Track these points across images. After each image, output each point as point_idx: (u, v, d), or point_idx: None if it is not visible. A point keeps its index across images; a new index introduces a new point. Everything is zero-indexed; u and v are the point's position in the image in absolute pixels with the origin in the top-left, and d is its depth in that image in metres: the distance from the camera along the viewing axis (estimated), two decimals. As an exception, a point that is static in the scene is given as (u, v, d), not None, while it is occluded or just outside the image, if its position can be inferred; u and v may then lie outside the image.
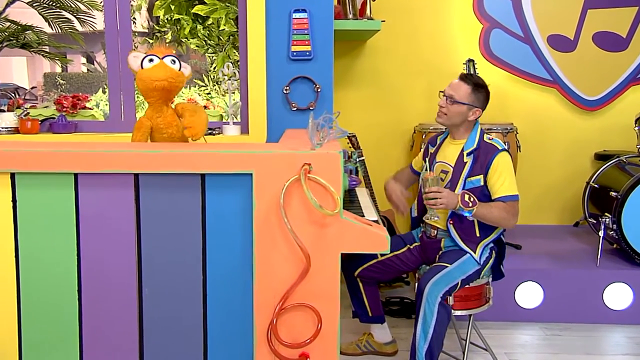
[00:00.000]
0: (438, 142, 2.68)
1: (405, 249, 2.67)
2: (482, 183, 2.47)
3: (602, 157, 4.02)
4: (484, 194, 2.48)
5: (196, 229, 1.79)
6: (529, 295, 3.20)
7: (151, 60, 2.18)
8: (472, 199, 2.39)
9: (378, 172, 3.53)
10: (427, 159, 2.67)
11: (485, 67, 4.04)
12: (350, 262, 2.66)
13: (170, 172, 1.75)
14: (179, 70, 2.22)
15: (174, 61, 2.20)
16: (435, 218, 2.43)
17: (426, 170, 2.53)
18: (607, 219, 3.25)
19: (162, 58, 2.19)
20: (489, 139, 2.54)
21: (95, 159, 1.73)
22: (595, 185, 3.59)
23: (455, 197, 2.38)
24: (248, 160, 1.73)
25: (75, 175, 1.75)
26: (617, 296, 3.18)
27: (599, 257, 3.24)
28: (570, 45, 4.12)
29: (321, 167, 1.73)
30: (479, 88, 2.55)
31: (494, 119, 4.02)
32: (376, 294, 2.72)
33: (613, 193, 3.28)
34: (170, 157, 1.75)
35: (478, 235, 2.50)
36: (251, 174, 1.73)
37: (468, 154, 2.51)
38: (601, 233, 3.25)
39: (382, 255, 2.61)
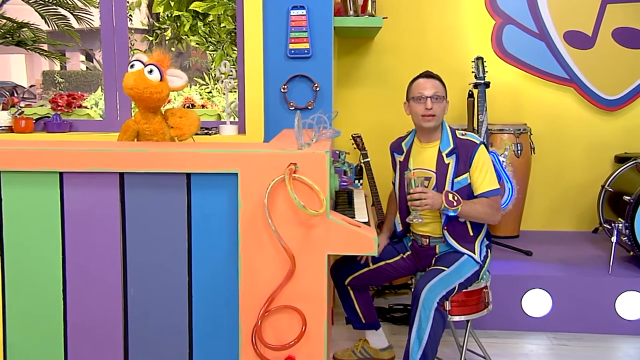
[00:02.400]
0: (405, 149, 2.76)
1: (398, 257, 2.77)
2: (468, 181, 2.58)
3: (622, 160, 4.05)
4: (472, 191, 2.59)
5: (182, 229, 1.90)
6: (536, 303, 3.26)
7: (132, 66, 2.28)
8: (456, 198, 2.50)
9: (384, 174, 3.60)
10: (396, 169, 2.78)
11: (498, 65, 4.11)
12: (341, 269, 2.75)
13: (156, 172, 1.86)
14: (160, 80, 2.29)
15: (151, 71, 2.27)
16: (419, 220, 2.51)
17: (408, 170, 2.62)
18: (620, 225, 3.30)
19: (147, 65, 2.29)
20: (462, 135, 2.65)
21: (80, 157, 1.85)
22: (611, 189, 3.65)
23: (439, 197, 2.49)
24: (233, 160, 1.84)
25: (61, 174, 1.87)
26: (630, 305, 3.22)
27: (611, 264, 3.29)
28: (588, 42, 4.16)
29: (307, 166, 1.83)
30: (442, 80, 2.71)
31: (506, 119, 4.09)
32: (368, 300, 2.81)
33: (626, 197, 3.33)
34: (156, 156, 1.86)
35: (472, 234, 2.61)
36: (237, 174, 1.84)
37: (448, 155, 2.61)
38: (614, 239, 3.31)
39: (374, 263, 2.71)
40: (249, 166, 1.83)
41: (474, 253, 2.59)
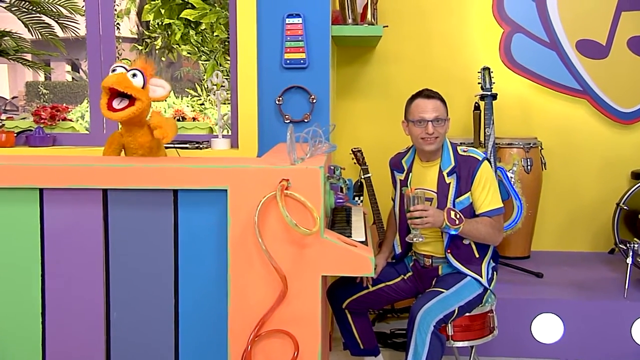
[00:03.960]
0: (405, 168, 2.79)
1: (399, 279, 2.79)
2: (470, 201, 2.62)
3: (639, 176, 4.09)
4: (474, 211, 2.63)
5: (168, 249, 1.93)
6: (547, 328, 3.27)
7: (114, 70, 2.30)
8: (458, 216, 2.52)
9: (385, 191, 3.63)
10: (396, 188, 2.81)
11: (506, 76, 4.14)
12: (338, 292, 2.77)
13: (141, 188, 1.90)
14: (143, 87, 2.30)
15: (135, 74, 2.30)
16: (420, 239, 2.52)
17: (406, 187, 2.62)
18: (636, 245, 3.32)
19: (130, 70, 2.31)
20: (464, 152, 2.68)
21: (61, 173, 1.87)
22: (626, 208, 3.67)
23: (441, 214, 2.51)
24: (222, 176, 1.87)
25: (41, 190, 1.90)
26: (648, 331, 3.24)
27: (626, 287, 3.30)
28: (602, 52, 4.20)
29: (300, 183, 1.86)
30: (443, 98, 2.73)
31: (515, 132, 4.12)
32: (367, 325, 2.83)
33: (642, 216, 3.36)
34: (141, 171, 1.89)
35: (477, 255, 2.64)
36: (226, 190, 1.86)
37: (449, 174, 2.64)
38: (629, 260, 3.32)
39: (373, 285, 2.74)
40: (239, 182, 1.86)
41: (480, 276, 2.62)
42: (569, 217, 4.32)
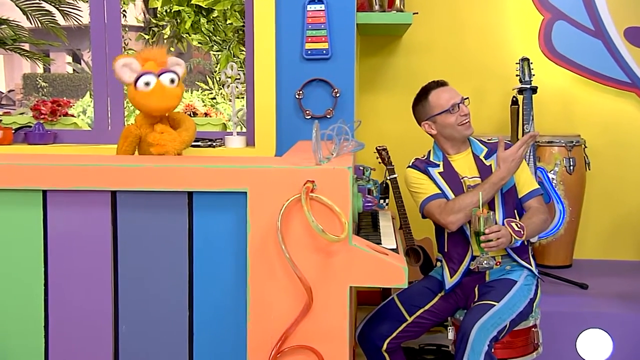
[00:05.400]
0: (440, 162, 2.83)
1: (437, 298, 2.77)
2: (514, 180, 2.72)
3: (694, 177, 4.04)
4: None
5: (182, 256, 1.91)
6: (594, 345, 3.21)
7: (147, 83, 2.30)
8: (519, 225, 2.57)
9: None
10: (439, 182, 2.80)
11: (547, 67, 4.10)
12: (373, 335, 2.70)
13: (153, 190, 1.88)
14: (177, 84, 2.34)
15: (173, 80, 2.32)
16: (492, 262, 2.54)
17: (476, 208, 2.60)
18: (692, 253, 3.27)
19: (159, 75, 2.31)
20: (488, 139, 2.84)
21: (66, 173, 1.86)
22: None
23: (507, 230, 2.53)
24: (242, 177, 1.84)
25: (44, 192, 1.89)
26: None
27: (682, 300, 3.26)
28: (653, 40, 4.16)
29: (327, 184, 1.83)
30: None
31: (556, 129, 4.08)
32: (402, 355, 2.80)
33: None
34: (153, 172, 1.87)
35: (525, 243, 2.73)
36: (245, 193, 1.84)
37: (486, 157, 2.76)
38: (684, 270, 3.28)
39: (410, 314, 2.71)
40: (260, 184, 1.83)
41: (531, 265, 2.71)
42: (615, 222, 4.27)
